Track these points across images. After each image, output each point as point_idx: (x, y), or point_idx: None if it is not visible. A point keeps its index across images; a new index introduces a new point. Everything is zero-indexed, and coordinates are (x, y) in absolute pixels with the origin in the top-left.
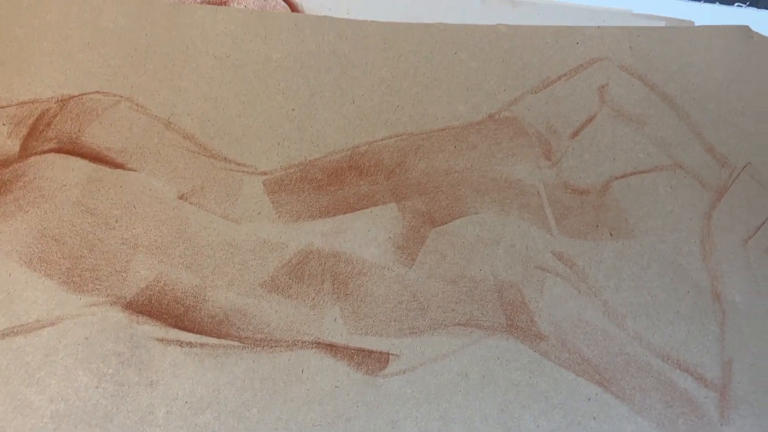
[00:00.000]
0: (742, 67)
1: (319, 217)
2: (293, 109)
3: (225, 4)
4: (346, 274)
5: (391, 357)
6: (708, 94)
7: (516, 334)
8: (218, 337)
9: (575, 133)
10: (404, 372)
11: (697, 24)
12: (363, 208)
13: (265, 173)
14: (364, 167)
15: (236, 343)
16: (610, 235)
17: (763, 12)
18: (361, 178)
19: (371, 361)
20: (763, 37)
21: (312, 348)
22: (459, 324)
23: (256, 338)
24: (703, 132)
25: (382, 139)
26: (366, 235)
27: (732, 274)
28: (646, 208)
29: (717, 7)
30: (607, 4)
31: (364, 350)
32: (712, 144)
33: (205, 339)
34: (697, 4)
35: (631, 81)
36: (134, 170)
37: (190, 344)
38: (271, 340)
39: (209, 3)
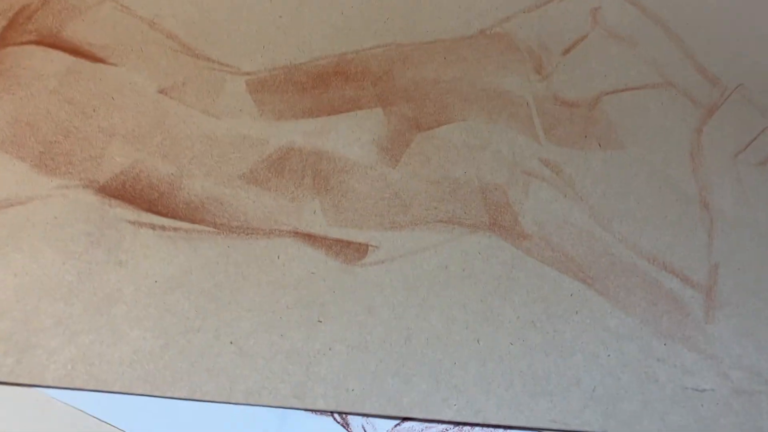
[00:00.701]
0: None
1: (302, 117)
2: (280, 16)
3: None
4: (328, 171)
5: (370, 248)
6: (701, 18)
7: (499, 232)
8: (193, 222)
9: (567, 51)
10: (383, 262)
11: None
12: (348, 111)
13: (248, 74)
14: (350, 73)
15: (211, 229)
16: (599, 145)
17: None
18: (347, 83)
19: (350, 251)
20: None
21: (290, 237)
22: (441, 221)
23: (231, 225)
24: (696, 54)
25: (369, 48)
26: (350, 136)
27: (721, 185)
28: (636, 122)
29: None
30: None
31: (342, 241)
32: (704, 65)
33: (178, 223)
34: None
35: (624, 4)
36: (115, 65)
37: (163, 227)
38: (247, 228)
39: None
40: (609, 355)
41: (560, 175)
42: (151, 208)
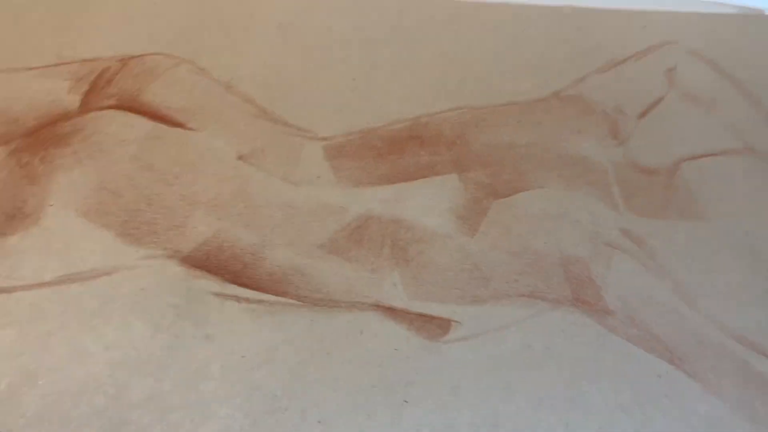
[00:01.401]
0: None
1: (379, 184)
2: (354, 79)
3: None
4: (406, 241)
5: (452, 324)
6: None
7: (582, 308)
8: (276, 294)
9: (643, 114)
10: (466, 339)
11: None
12: (423, 177)
13: (325, 139)
14: (425, 137)
15: (294, 302)
16: (681, 215)
17: None
18: (422, 148)
19: (432, 326)
20: None
21: (371, 310)
22: (522, 295)
23: (314, 298)
24: None
25: (443, 111)
26: (427, 203)
27: None
28: (719, 191)
29: None
30: None
31: (424, 315)
32: None
33: (262, 296)
34: None
35: (701, 66)
36: (194, 130)
37: (248, 300)
38: (329, 300)
39: None
40: None
41: (642, 248)
42: (236, 279)
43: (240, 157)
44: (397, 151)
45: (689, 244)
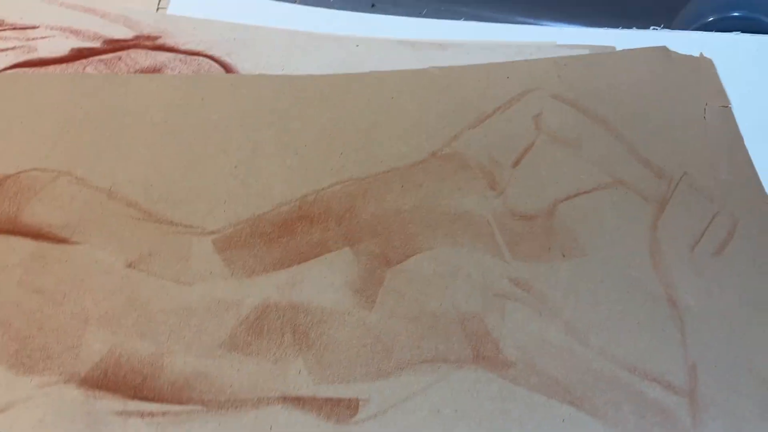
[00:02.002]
0: (666, 84)
1: (273, 269)
2: (236, 166)
3: (158, 71)
4: (307, 324)
5: (360, 402)
6: (637, 112)
7: (483, 364)
8: (180, 403)
9: (516, 162)
10: (376, 416)
11: (618, 48)
12: (317, 256)
13: (213, 232)
14: (313, 216)
15: (199, 408)
16: (563, 255)
17: (676, 32)
18: (312, 227)
19: (341, 409)
20: (680, 55)
21: (278, 404)
22: (426, 361)
23: (219, 400)
24: (638, 148)
25: (329, 187)
26: (322, 282)
27: (683, 280)
28: (594, 226)
29: (634, 31)
30: (532, 39)
31: (332, 399)
32: (648, 158)
33: (166, 407)
34: (615, 30)
35: (563, 107)
36: (78, 243)
37: (152, 414)
38: (235, 400)
39: (142, 72)
40: None
41: (531, 292)
42: (137, 394)
43: (129, 265)
44: (288, 233)
45: (573, 282)
